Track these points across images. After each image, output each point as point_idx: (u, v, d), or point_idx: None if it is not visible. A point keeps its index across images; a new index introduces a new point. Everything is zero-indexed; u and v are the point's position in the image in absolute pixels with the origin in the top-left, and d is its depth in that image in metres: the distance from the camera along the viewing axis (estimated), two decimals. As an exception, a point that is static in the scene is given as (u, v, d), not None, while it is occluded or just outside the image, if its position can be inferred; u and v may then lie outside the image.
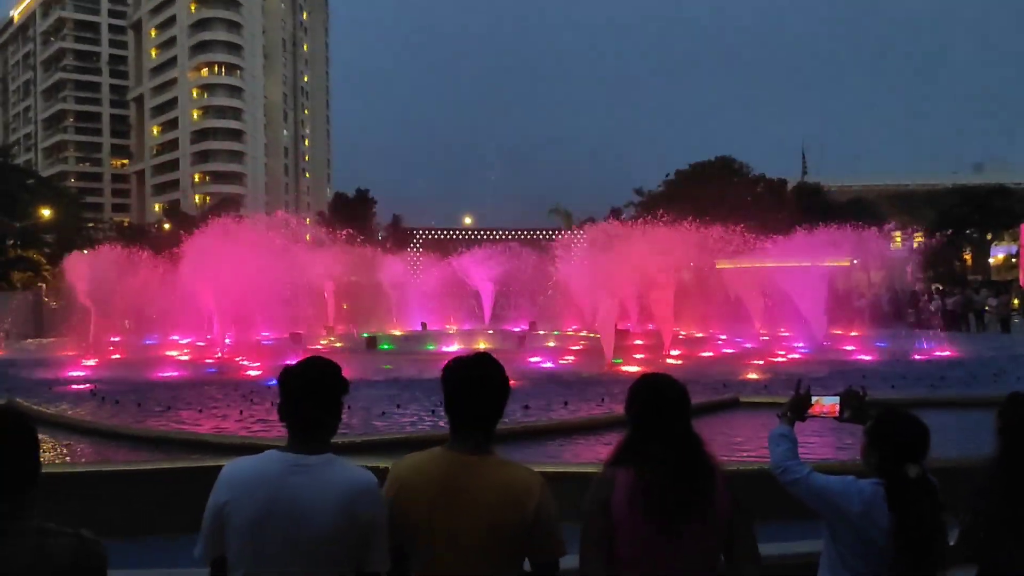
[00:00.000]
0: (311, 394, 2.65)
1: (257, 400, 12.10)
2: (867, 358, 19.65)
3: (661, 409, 2.86)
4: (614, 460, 2.87)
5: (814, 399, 3.58)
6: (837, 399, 3.57)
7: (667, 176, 69.50)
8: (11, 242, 55.77)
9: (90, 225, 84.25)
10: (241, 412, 11.01)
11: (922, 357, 19.89)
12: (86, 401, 12.44)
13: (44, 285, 48.21)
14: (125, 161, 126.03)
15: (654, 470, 2.72)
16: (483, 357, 2.83)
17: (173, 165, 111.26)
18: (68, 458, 8.63)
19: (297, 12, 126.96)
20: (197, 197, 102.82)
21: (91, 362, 18.51)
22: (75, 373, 16.04)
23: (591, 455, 8.93)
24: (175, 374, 15.80)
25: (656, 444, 2.79)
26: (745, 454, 9.00)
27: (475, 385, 2.75)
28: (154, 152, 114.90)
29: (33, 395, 12.69)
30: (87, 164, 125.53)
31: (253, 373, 16.26)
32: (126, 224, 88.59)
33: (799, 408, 3.55)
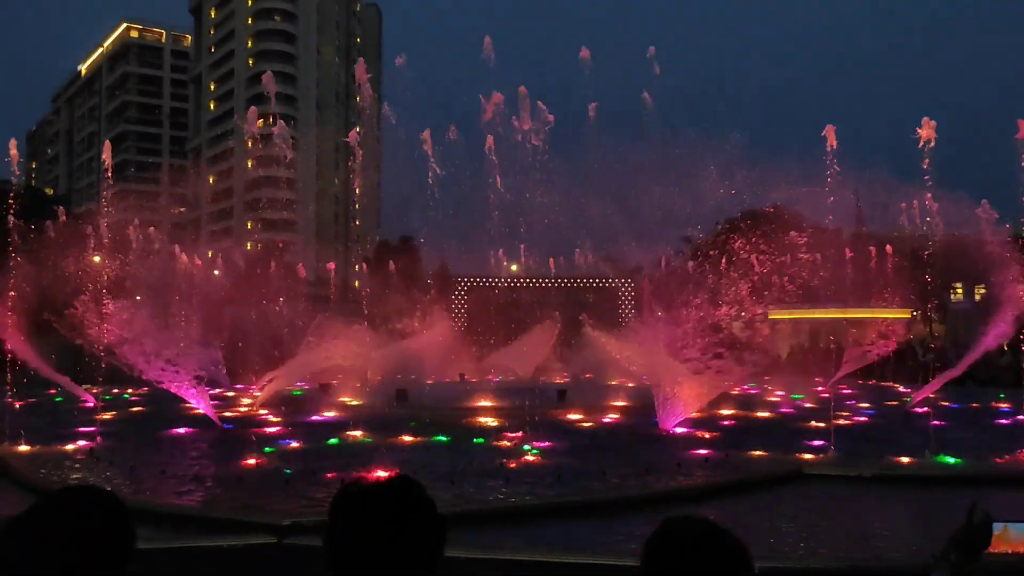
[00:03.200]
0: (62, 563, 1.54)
1: (261, 464, 11.08)
2: (941, 423, 17.83)
3: None
4: None
5: (998, 528, 2.21)
6: None
7: (717, 224, 67.95)
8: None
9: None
10: (240, 479, 9.98)
11: (1007, 422, 18.01)
12: (81, 461, 11.58)
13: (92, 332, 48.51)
14: (182, 209, 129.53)
15: None
16: (398, 487, 1.70)
17: (227, 213, 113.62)
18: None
19: (350, 65, 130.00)
20: (249, 244, 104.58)
21: (109, 415, 17.79)
22: (85, 428, 15.25)
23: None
24: (183, 431, 14.92)
25: None
26: (819, 546, 7.62)
27: (380, 535, 1.62)
28: (209, 201, 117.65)
29: (31, 453, 11.90)
30: (146, 212, 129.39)
31: (271, 430, 15.31)
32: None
33: (974, 545, 2.13)
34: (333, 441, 13.63)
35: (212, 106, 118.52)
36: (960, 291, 70.30)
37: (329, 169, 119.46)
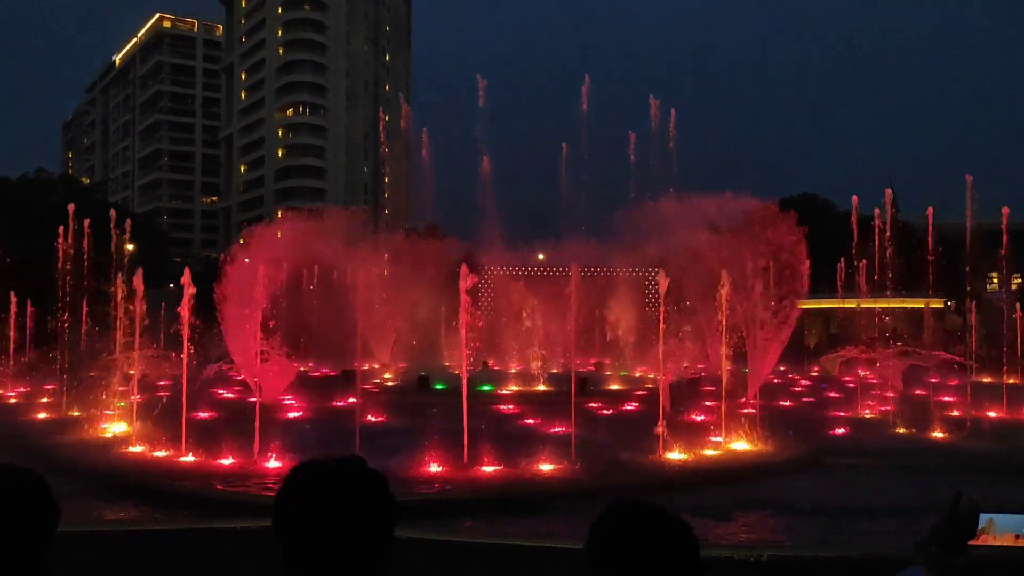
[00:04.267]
0: None
1: (280, 449, 11.24)
2: (957, 414, 17.55)
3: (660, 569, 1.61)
4: None
5: (984, 519, 2.03)
6: None
7: (745, 213, 67.16)
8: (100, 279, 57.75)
9: (176, 260, 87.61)
10: (255, 463, 10.14)
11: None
12: (104, 442, 11.85)
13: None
14: (214, 198, 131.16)
15: None
16: (347, 468, 1.65)
17: (258, 202, 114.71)
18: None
19: (380, 54, 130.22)
20: (279, 233, 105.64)
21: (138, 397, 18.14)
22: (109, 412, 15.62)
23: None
24: (206, 415, 15.19)
25: None
26: (831, 535, 7.57)
27: (328, 525, 1.56)
28: (240, 190, 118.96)
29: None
30: (179, 201, 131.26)
31: (293, 415, 15.53)
32: (212, 258, 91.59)
33: (955, 537, 1.99)
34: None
35: (243, 95, 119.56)
36: (996, 280, 68.82)
37: (358, 158, 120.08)
